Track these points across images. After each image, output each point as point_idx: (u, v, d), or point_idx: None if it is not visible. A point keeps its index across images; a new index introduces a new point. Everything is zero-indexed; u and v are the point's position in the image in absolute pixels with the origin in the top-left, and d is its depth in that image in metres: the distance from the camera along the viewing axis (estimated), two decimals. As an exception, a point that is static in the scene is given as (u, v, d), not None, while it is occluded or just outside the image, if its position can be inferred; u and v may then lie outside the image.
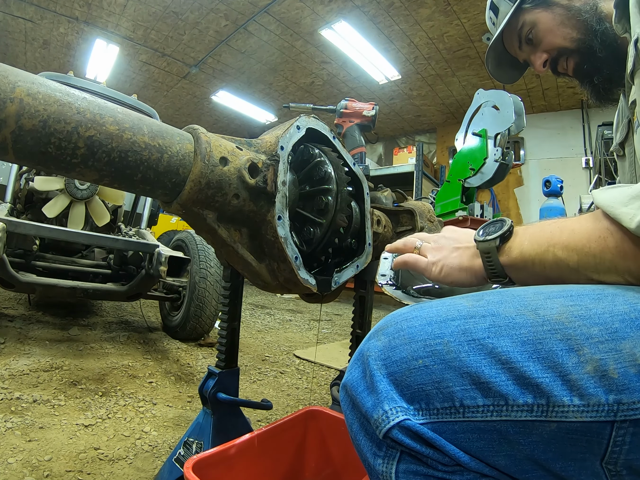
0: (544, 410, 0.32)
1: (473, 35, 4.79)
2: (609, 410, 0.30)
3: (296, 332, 3.28)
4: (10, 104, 0.45)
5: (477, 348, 0.34)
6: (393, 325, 0.39)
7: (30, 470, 1.03)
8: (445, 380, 0.34)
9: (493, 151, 2.98)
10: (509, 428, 0.33)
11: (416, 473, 0.35)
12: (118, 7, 4.72)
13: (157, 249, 2.11)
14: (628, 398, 0.30)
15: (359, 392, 0.37)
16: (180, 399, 1.63)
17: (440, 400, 0.34)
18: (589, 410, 0.31)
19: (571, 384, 0.31)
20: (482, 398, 0.33)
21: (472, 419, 0.33)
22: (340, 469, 0.94)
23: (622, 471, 0.32)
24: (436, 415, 0.34)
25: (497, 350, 0.34)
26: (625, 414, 0.30)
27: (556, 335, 0.33)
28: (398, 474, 0.35)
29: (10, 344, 1.91)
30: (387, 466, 0.35)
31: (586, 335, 0.32)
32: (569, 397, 0.31)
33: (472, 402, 0.33)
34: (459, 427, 0.34)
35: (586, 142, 5.87)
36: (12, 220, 1.81)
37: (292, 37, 5.18)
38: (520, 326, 0.34)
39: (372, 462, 0.36)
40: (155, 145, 0.57)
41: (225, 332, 0.97)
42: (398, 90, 6.24)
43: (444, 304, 0.40)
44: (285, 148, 0.73)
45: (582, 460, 0.33)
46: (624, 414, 0.30)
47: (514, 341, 0.34)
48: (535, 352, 0.33)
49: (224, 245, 0.70)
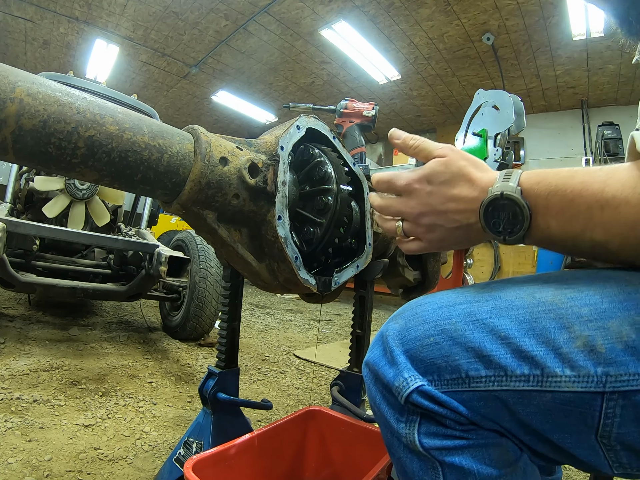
0: (539, 380, 0.35)
1: (473, 35, 4.79)
2: (598, 381, 0.33)
3: (296, 332, 3.28)
4: (10, 104, 0.45)
5: (480, 326, 0.38)
6: (409, 310, 0.44)
7: (30, 470, 1.03)
8: (453, 354, 0.38)
9: (493, 151, 2.97)
10: (509, 397, 0.36)
11: (436, 433, 0.39)
12: (118, 7, 4.72)
13: (157, 249, 2.11)
14: (615, 371, 0.33)
15: (380, 366, 0.42)
16: (180, 399, 1.63)
17: (449, 372, 0.38)
18: (580, 380, 0.34)
19: (563, 357, 0.35)
20: (485, 369, 0.37)
21: (477, 388, 0.37)
22: (340, 469, 0.94)
23: (617, 446, 0.34)
24: (447, 386, 0.39)
25: (497, 328, 0.38)
26: (613, 385, 0.33)
27: (550, 315, 0.37)
28: (420, 435, 0.39)
29: (10, 344, 1.91)
30: (410, 429, 0.40)
31: (577, 315, 0.36)
32: (561, 369, 0.34)
33: (476, 373, 0.37)
34: (466, 396, 0.38)
35: (586, 142, 5.87)
36: (12, 220, 1.81)
37: (292, 37, 5.18)
38: (518, 307, 0.38)
39: (395, 427, 0.41)
40: (155, 145, 0.57)
41: (225, 332, 0.97)
42: (398, 90, 6.24)
43: (454, 291, 0.44)
44: (285, 148, 0.73)
45: (578, 433, 0.35)
46: (612, 385, 0.33)
47: (512, 320, 0.38)
48: (530, 330, 0.36)
49: (224, 245, 0.70)
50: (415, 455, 0.40)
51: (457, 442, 0.38)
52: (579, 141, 5.94)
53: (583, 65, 5.12)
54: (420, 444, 0.39)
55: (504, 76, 5.48)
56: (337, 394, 1.10)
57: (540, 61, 5.14)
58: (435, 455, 0.39)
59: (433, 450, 0.39)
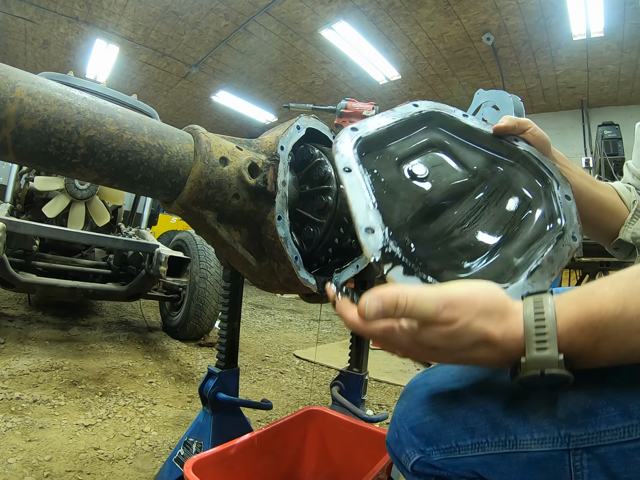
0: (514, 444, 0.41)
1: (473, 35, 4.79)
2: (562, 441, 0.39)
3: (296, 332, 3.28)
4: (10, 104, 0.45)
5: (464, 403, 0.46)
6: (409, 392, 0.52)
7: (30, 470, 1.03)
8: (445, 428, 0.45)
9: (493, 151, 2.98)
10: (493, 460, 0.43)
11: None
12: (118, 7, 4.72)
13: (157, 249, 2.11)
14: (576, 432, 0.38)
15: (392, 444, 0.50)
16: (180, 399, 1.63)
17: (444, 443, 0.45)
18: (547, 442, 0.39)
19: (531, 424, 0.41)
20: (470, 438, 0.44)
21: (466, 454, 0.44)
22: (340, 469, 0.94)
23: None
24: (443, 454, 0.45)
25: (477, 404, 0.45)
26: (576, 444, 0.38)
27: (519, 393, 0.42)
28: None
29: (10, 344, 1.91)
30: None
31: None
32: (530, 433, 0.40)
33: (464, 442, 0.44)
34: (460, 461, 0.44)
35: (586, 142, 5.87)
36: (12, 220, 1.81)
37: (292, 37, 5.18)
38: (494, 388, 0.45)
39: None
40: (156, 145, 0.57)
41: (225, 332, 0.97)
42: (398, 90, 6.24)
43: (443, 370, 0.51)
44: (285, 148, 0.73)
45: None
46: (575, 444, 0.38)
47: (488, 398, 0.45)
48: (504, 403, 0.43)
49: (224, 245, 0.70)
50: None
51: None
52: (579, 141, 5.94)
53: (583, 65, 5.13)
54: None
55: (504, 76, 5.48)
56: (337, 394, 1.10)
57: (540, 61, 5.15)
58: None
59: None
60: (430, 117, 0.60)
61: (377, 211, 0.45)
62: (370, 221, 0.44)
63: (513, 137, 0.62)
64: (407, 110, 0.59)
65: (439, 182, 0.55)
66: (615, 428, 0.37)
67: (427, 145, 0.59)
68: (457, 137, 0.61)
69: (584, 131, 5.92)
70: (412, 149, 0.58)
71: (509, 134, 0.62)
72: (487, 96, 2.68)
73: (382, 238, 0.43)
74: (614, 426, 0.37)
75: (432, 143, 0.60)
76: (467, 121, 0.61)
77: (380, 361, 2.45)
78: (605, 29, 4.38)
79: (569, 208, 0.56)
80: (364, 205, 0.45)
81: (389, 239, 0.44)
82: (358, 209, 0.45)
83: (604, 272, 2.73)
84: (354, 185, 0.47)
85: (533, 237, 0.53)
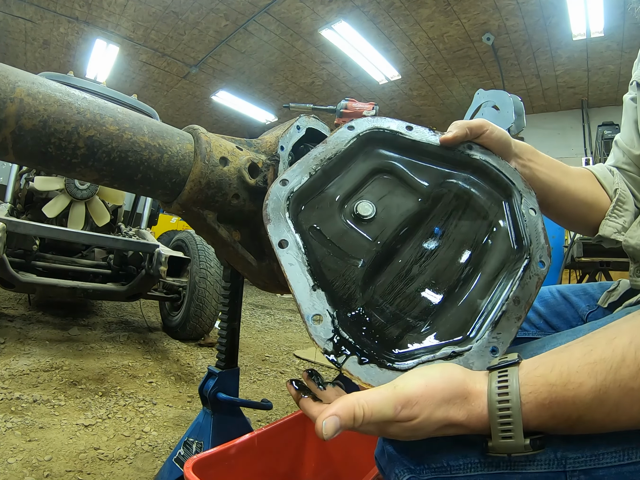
0: (507, 465, 0.39)
1: (473, 35, 4.80)
2: (559, 463, 0.37)
3: (296, 332, 3.28)
4: (10, 104, 0.45)
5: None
6: None
7: (30, 470, 1.03)
8: (435, 447, 0.43)
9: (493, 151, 2.98)
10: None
11: None
12: (118, 7, 4.72)
13: (157, 249, 2.11)
14: (572, 454, 0.37)
15: (381, 461, 0.49)
16: (180, 399, 1.63)
17: (434, 462, 0.43)
18: (542, 463, 0.37)
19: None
20: (462, 458, 0.41)
21: (457, 474, 0.42)
22: (340, 469, 0.94)
23: None
24: (434, 473, 0.42)
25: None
26: (572, 466, 0.37)
27: None
28: None
29: (10, 344, 1.91)
30: None
31: None
32: (524, 455, 0.37)
33: (455, 462, 0.42)
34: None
35: (586, 142, 5.87)
36: (12, 220, 1.81)
37: (292, 37, 5.18)
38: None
39: None
40: (155, 145, 0.57)
41: (225, 332, 0.97)
42: (398, 90, 6.24)
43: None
44: (285, 148, 0.73)
45: None
46: (571, 466, 0.37)
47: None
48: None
49: (224, 245, 0.70)
50: None
51: None
52: (579, 141, 5.94)
53: (583, 65, 5.13)
54: None
55: (504, 76, 5.49)
56: (337, 394, 1.10)
57: (540, 61, 5.15)
58: None
59: None
60: (370, 139, 0.54)
61: (322, 293, 0.41)
62: (315, 308, 0.40)
63: (467, 143, 0.55)
64: (343, 137, 0.53)
65: (389, 219, 0.51)
66: (614, 450, 0.36)
67: (372, 173, 0.54)
68: (403, 157, 0.55)
69: (584, 131, 5.92)
70: (354, 183, 0.52)
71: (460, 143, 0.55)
72: (487, 96, 2.71)
73: (330, 327, 0.39)
74: (612, 449, 0.36)
75: (376, 169, 0.54)
76: (412, 135, 0.55)
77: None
78: (605, 29, 4.38)
79: (535, 225, 0.51)
80: (307, 288, 0.41)
81: (338, 325, 0.40)
82: (301, 294, 0.41)
83: (604, 272, 2.72)
84: (294, 265, 0.43)
85: (497, 268, 0.49)
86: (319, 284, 0.42)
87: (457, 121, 0.56)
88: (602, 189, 0.66)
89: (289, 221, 0.46)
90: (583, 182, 0.65)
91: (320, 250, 0.46)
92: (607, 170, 0.70)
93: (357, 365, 0.38)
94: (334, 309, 0.41)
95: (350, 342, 0.39)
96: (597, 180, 0.67)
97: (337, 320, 0.40)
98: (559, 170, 0.63)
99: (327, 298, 0.41)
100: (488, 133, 0.55)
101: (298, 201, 0.48)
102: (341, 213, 0.50)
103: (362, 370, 0.38)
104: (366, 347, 0.40)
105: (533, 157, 0.61)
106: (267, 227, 0.45)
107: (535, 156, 0.62)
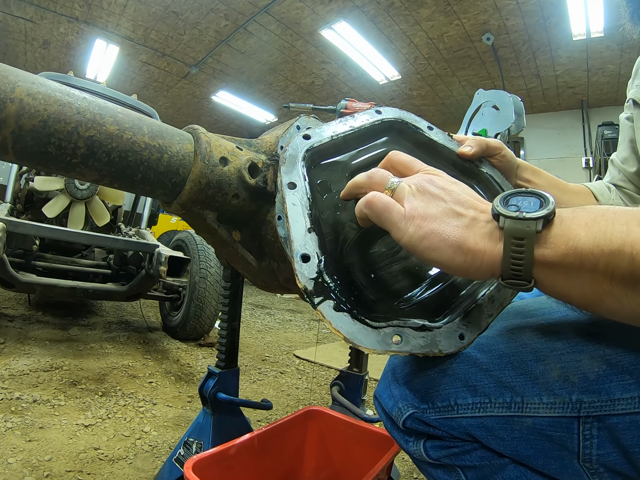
0: (520, 406, 0.38)
1: (473, 35, 4.80)
2: (573, 407, 0.36)
3: (296, 332, 3.28)
4: (10, 104, 0.45)
5: (465, 360, 0.43)
6: None
7: (30, 470, 1.03)
8: (443, 384, 0.42)
9: (493, 151, 2.97)
10: (494, 423, 0.40)
11: (440, 446, 0.44)
12: (118, 7, 4.72)
13: (157, 249, 2.11)
14: (588, 398, 0.36)
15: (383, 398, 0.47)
16: (180, 399, 1.63)
17: (440, 400, 0.42)
18: (556, 407, 0.37)
19: (540, 386, 0.38)
20: (471, 397, 0.41)
21: (464, 414, 0.41)
22: (340, 469, 0.94)
23: (600, 468, 0.36)
24: (439, 412, 0.42)
25: (479, 361, 0.42)
26: (587, 411, 0.36)
27: (526, 349, 0.40)
28: (427, 450, 0.44)
29: (10, 344, 1.91)
30: (417, 446, 0.45)
31: (551, 349, 0.39)
32: (539, 396, 0.38)
33: (464, 400, 0.41)
34: (455, 423, 0.41)
35: (586, 142, 5.87)
36: (12, 220, 1.81)
37: (292, 37, 5.18)
38: (499, 343, 0.43)
39: (406, 447, 0.46)
40: (155, 146, 0.57)
41: (225, 332, 0.97)
42: (398, 90, 6.24)
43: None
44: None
45: (561, 458, 0.38)
46: (586, 411, 0.36)
47: (492, 355, 0.42)
48: (509, 363, 0.40)
49: (224, 245, 0.70)
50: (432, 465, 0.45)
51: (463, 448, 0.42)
52: (579, 141, 5.94)
53: (583, 65, 5.13)
54: (428, 456, 0.44)
55: (504, 76, 5.49)
56: (337, 394, 1.10)
57: (540, 61, 5.15)
58: (446, 462, 0.43)
59: (443, 459, 0.43)
60: (392, 126, 0.56)
61: (316, 237, 0.43)
62: (306, 247, 0.41)
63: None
64: (369, 117, 0.55)
65: None
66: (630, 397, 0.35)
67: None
68: (418, 151, 0.57)
69: (584, 131, 5.92)
70: (367, 160, 0.54)
71: (475, 158, 0.57)
72: (487, 96, 2.72)
73: (315, 268, 0.41)
74: (628, 395, 0.35)
75: None
76: (432, 135, 0.57)
77: (381, 361, 2.45)
78: (605, 29, 4.38)
79: None
80: (304, 229, 0.42)
81: (323, 269, 0.41)
82: (296, 232, 0.42)
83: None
84: (296, 206, 0.44)
85: None
86: (316, 230, 0.43)
87: (476, 137, 0.58)
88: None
89: (302, 169, 0.48)
90: (580, 199, 0.68)
91: (322, 205, 0.48)
92: (605, 187, 0.73)
93: (332, 310, 0.39)
94: (322, 254, 0.42)
95: (330, 287, 0.40)
96: (594, 196, 0.70)
97: (323, 264, 0.42)
98: (557, 188, 0.66)
99: (319, 243, 0.43)
100: (501, 156, 0.59)
101: (314, 158, 0.50)
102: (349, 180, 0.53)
103: (335, 316, 0.39)
104: (344, 297, 0.41)
105: (533, 177, 0.65)
106: (281, 168, 0.47)
107: (536, 175, 0.65)
